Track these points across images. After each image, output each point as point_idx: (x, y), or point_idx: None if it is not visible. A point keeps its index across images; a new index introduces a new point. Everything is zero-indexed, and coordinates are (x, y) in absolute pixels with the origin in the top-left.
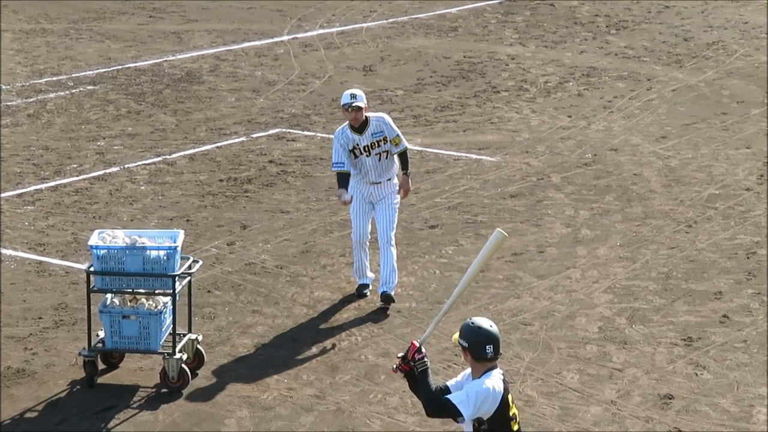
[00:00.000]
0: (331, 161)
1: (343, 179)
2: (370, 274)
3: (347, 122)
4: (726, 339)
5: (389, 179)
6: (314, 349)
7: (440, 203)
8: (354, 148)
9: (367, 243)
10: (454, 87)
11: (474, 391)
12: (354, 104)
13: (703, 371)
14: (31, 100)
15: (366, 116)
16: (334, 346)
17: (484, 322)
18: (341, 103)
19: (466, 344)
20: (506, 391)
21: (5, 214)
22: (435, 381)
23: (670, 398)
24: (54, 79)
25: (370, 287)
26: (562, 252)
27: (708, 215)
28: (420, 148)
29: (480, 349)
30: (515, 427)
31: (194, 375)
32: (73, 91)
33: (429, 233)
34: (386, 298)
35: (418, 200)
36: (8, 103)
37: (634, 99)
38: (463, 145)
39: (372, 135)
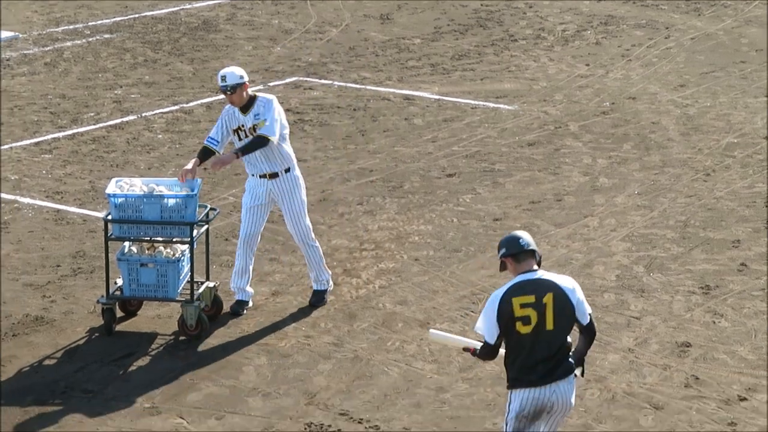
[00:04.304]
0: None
1: (204, 153)
2: (250, 290)
3: None
4: (744, 287)
5: (287, 170)
6: (332, 298)
7: (458, 152)
8: (239, 128)
9: (255, 249)
10: (471, 35)
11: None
12: (226, 86)
13: (721, 319)
14: (48, 48)
15: (253, 95)
16: (351, 294)
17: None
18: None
19: (503, 250)
20: (511, 295)
21: (23, 163)
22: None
23: (688, 346)
24: (71, 27)
25: (251, 304)
26: (579, 200)
27: (726, 164)
28: (437, 97)
29: (514, 246)
30: (524, 330)
31: (212, 322)
32: (90, 39)
33: (446, 182)
34: (318, 299)
35: (436, 149)
36: (25, 52)
37: (652, 47)
38: (481, 93)
39: (254, 117)
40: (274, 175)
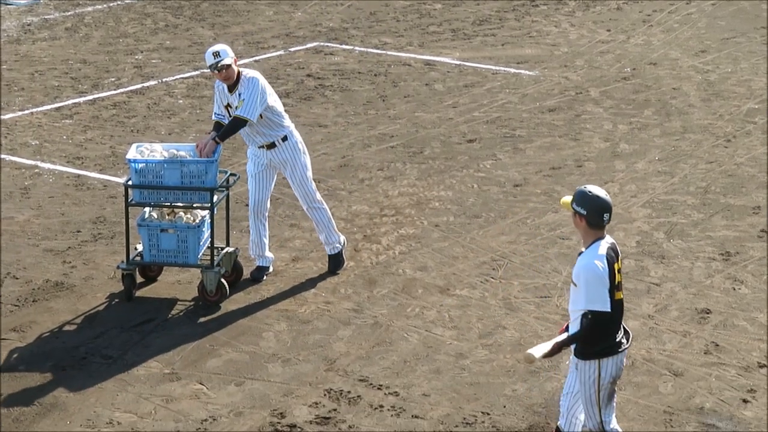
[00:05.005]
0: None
1: (219, 128)
2: (269, 255)
3: None
4: (764, 254)
5: (283, 138)
6: (352, 263)
7: (478, 117)
8: (228, 106)
9: (266, 215)
10: (492, 1)
11: (584, 282)
12: (220, 63)
13: (741, 286)
14: (69, 13)
15: (240, 72)
16: (371, 260)
17: (600, 191)
18: (207, 65)
19: (584, 212)
20: (611, 262)
21: (43, 128)
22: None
23: (708, 313)
24: None
25: (271, 269)
26: (600, 166)
27: (747, 129)
28: (458, 62)
29: (597, 216)
30: (619, 296)
31: (232, 288)
32: (111, 4)
33: (467, 147)
34: (335, 264)
35: (456, 114)
36: (46, 17)
37: (673, 13)
38: (502, 59)
39: (239, 96)
40: (271, 146)
